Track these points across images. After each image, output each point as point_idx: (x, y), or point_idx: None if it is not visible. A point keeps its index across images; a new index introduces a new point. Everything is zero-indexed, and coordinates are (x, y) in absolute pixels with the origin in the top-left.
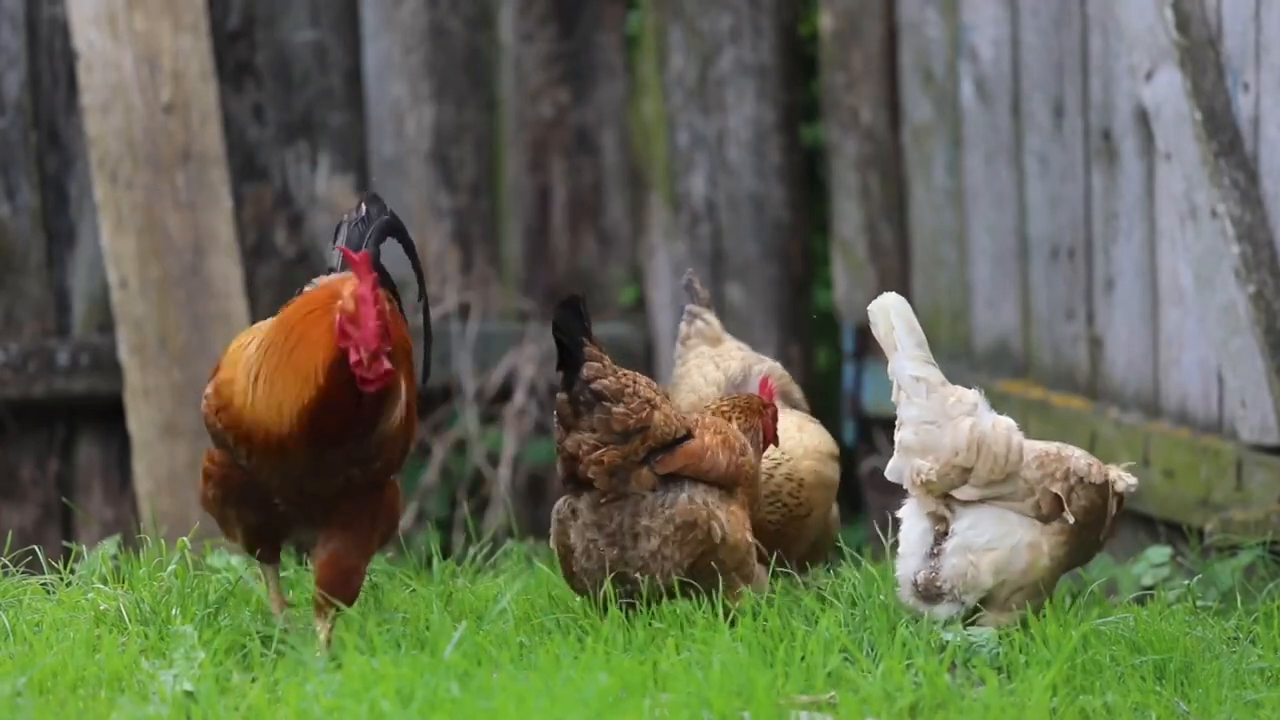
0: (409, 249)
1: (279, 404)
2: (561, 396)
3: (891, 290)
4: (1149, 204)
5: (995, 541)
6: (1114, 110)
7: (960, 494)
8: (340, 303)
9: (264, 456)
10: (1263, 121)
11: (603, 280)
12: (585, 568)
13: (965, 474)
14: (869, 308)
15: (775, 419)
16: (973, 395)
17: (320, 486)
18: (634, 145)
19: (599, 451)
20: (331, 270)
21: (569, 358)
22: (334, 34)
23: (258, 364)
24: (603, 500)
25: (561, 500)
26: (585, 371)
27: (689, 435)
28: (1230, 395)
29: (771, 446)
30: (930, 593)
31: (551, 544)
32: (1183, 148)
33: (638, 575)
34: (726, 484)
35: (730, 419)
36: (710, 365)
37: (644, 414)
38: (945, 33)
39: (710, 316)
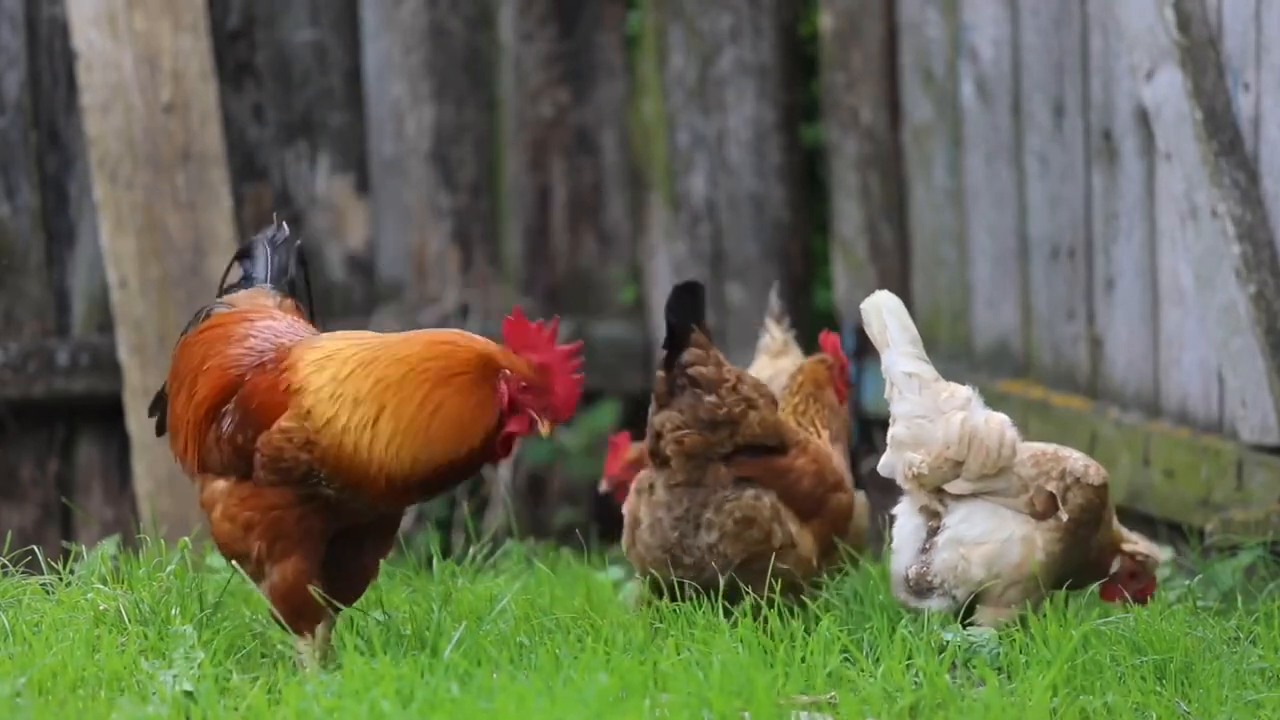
0: (307, 276)
1: (414, 457)
2: (660, 374)
3: (891, 290)
4: (1149, 204)
5: (987, 535)
6: (1114, 110)
7: (952, 488)
8: (507, 369)
9: (366, 495)
10: (1263, 121)
11: (603, 280)
12: (647, 542)
13: (957, 468)
14: (862, 306)
15: (844, 375)
16: (965, 391)
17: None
18: (634, 145)
19: (681, 432)
20: (233, 288)
21: (674, 339)
22: (334, 34)
23: (377, 405)
24: (675, 483)
25: (645, 470)
26: (686, 356)
27: (782, 450)
28: (1231, 395)
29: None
30: (921, 587)
31: (624, 509)
32: (1183, 147)
33: (691, 562)
34: (805, 510)
35: (806, 410)
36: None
37: (737, 410)
38: (945, 33)
39: (777, 330)
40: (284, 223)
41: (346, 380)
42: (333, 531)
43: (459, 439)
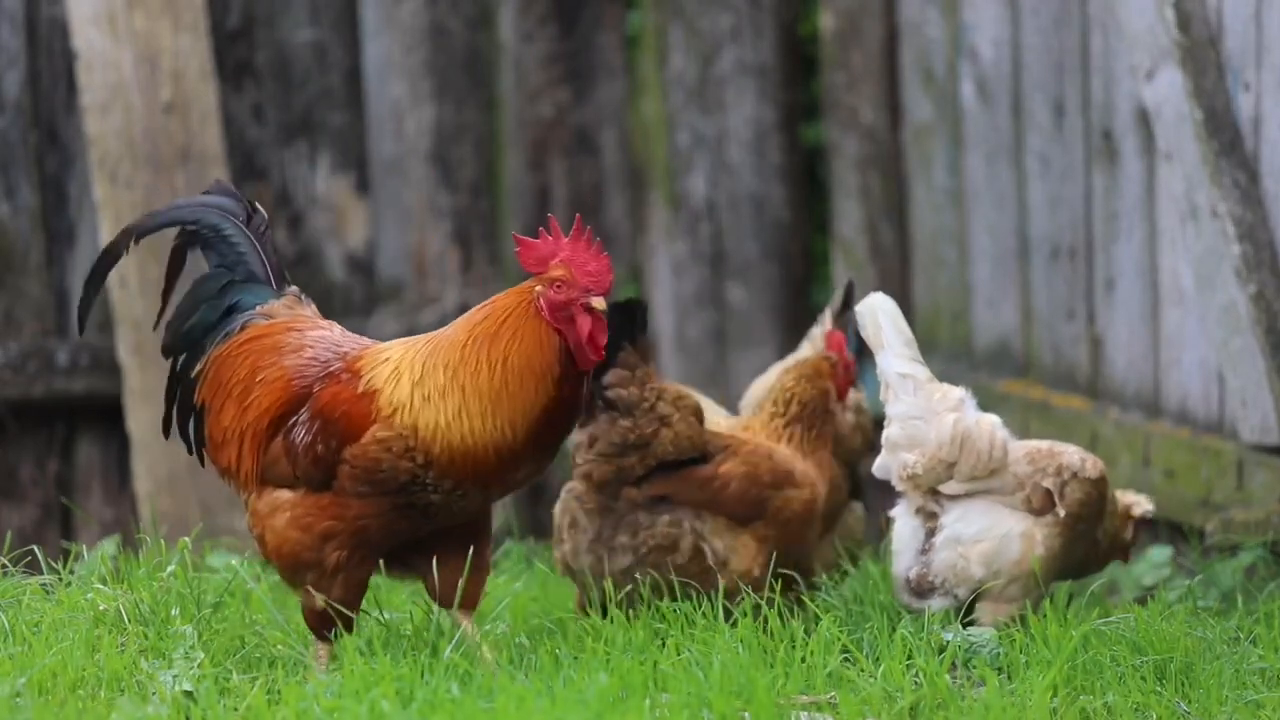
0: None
1: (511, 420)
2: (586, 391)
3: (892, 290)
4: (1149, 204)
5: (984, 533)
6: (1114, 110)
7: (947, 489)
8: (537, 288)
9: (481, 483)
10: (1263, 121)
11: None
12: (567, 559)
13: (950, 469)
14: (856, 308)
15: (848, 372)
16: (958, 392)
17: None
18: (634, 145)
19: (589, 465)
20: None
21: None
22: (334, 33)
23: (459, 389)
24: (587, 507)
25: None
26: (607, 377)
27: (704, 459)
28: (1231, 395)
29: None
30: (922, 588)
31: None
32: (1183, 147)
33: (612, 586)
34: (740, 515)
35: (789, 407)
36: (773, 374)
37: (649, 430)
38: (946, 32)
39: (830, 322)
40: (255, 204)
41: (422, 381)
42: (409, 538)
43: (539, 375)
